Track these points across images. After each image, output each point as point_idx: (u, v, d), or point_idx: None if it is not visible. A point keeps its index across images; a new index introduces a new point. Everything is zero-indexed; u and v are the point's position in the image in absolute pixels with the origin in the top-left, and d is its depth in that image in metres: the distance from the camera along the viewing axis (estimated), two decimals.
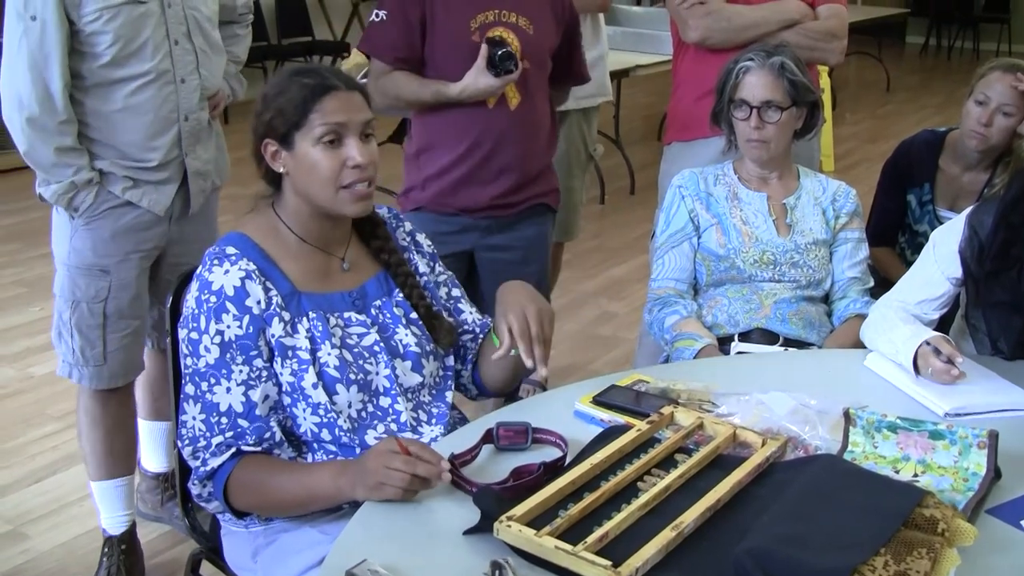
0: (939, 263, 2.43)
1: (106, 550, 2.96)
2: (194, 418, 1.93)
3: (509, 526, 1.59)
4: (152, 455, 3.21)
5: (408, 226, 2.23)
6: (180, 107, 2.70)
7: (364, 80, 3.10)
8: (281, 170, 1.99)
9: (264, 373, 1.94)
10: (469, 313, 2.26)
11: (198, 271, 1.98)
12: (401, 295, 2.12)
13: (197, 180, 2.80)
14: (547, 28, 2.97)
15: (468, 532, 1.64)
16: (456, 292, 2.27)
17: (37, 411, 3.94)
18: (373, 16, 2.94)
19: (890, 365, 2.27)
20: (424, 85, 2.89)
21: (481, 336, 2.24)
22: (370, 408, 2.02)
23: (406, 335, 2.08)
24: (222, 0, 2.88)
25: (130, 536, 2.98)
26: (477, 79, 2.82)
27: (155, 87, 2.64)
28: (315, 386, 1.95)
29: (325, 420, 1.97)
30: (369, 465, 1.75)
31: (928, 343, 2.20)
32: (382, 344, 2.05)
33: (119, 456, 2.90)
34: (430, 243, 2.26)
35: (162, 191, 2.73)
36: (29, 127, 2.53)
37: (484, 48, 2.81)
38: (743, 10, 3.21)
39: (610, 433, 1.93)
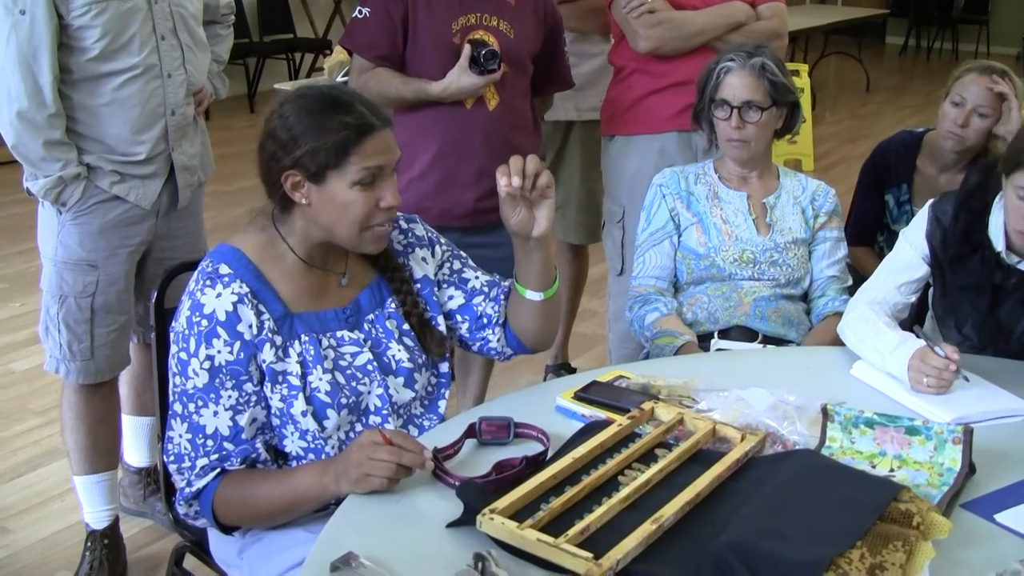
0: (914, 247, 2.50)
1: (89, 544, 2.97)
2: (180, 436, 1.92)
3: (492, 519, 1.61)
4: (135, 450, 3.22)
5: (403, 223, 2.20)
6: (167, 101, 2.71)
7: (345, 79, 3.12)
8: (302, 202, 1.93)
9: (253, 398, 1.92)
10: (476, 279, 2.23)
11: (190, 288, 1.93)
12: (393, 305, 2.10)
13: (184, 174, 2.81)
14: (528, 33, 3.00)
15: (451, 525, 1.66)
16: (458, 264, 2.23)
17: (19, 406, 3.94)
18: (356, 13, 2.95)
19: (880, 375, 2.27)
20: (406, 83, 2.91)
21: (500, 295, 2.21)
22: (358, 428, 2.01)
23: (399, 350, 2.07)
24: (205, 0, 2.90)
25: (113, 530, 2.99)
26: (460, 77, 2.84)
27: (142, 81, 2.65)
28: (304, 414, 1.93)
29: (312, 446, 1.96)
30: (353, 458, 1.76)
31: (925, 344, 2.20)
32: (375, 363, 2.03)
33: (102, 451, 2.90)
34: (426, 228, 2.23)
35: (149, 185, 2.74)
36: (18, 121, 2.53)
37: (467, 48, 2.83)
38: (691, 17, 3.22)
39: (591, 428, 1.95)
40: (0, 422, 3.83)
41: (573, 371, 4.19)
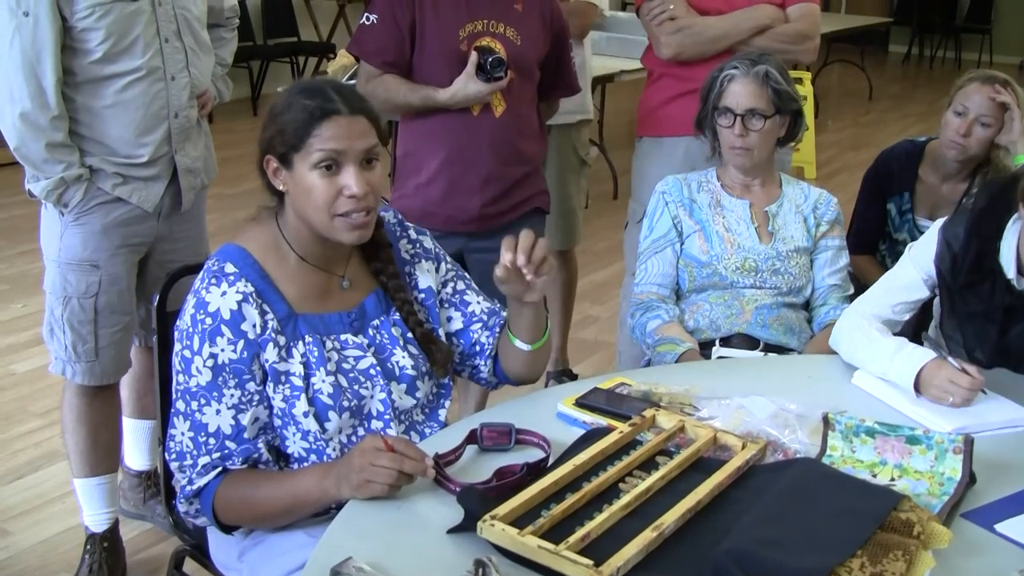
0: (918, 268, 2.46)
1: (88, 547, 2.97)
2: (183, 434, 1.93)
3: (492, 525, 1.61)
4: (135, 453, 3.22)
5: (412, 233, 2.20)
6: (170, 104, 2.72)
7: (351, 82, 3.13)
8: (281, 188, 1.96)
9: (256, 397, 1.93)
10: (477, 303, 2.23)
11: (195, 286, 1.94)
12: (398, 313, 2.10)
13: (187, 177, 2.81)
14: (535, 39, 3.00)
15: (452, 531, 1.66)
16: (461, 285, 2.23)
17: (19, 408, 3.94)
18: (364, 19, 2.97)
19: (881, 384, 2.26)
20: (413, 90, 2.92)
21: (497, 326, 2.21)
22: (360, 432, 2.01)
23: (403, 356, 2.07)
24: (209, 3, 2.90)
25: (112, 533, 2.99)
26: (467, 85, 2.85)
27: (145, 83, 2.66)
28: (306, 415, 1.94)
29: (314, 447, 1.96)
30: (355, 463, 1.76)
31: (939, 357, 2.19)
32: (378, 368, 2.03)
33: (103, 454, 2.90)
34: (435, 244, 2.23)
35: (152, 188, 2.74)
36: (21, 123, 2.54)
37: (474, 55, 2.84)
38: (713, 22, 3.24)
39: (592, 435, 1.95)
40: (1, 424, 3.83)
41: (574, 377, 4.19)
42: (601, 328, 4.94)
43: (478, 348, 2.21)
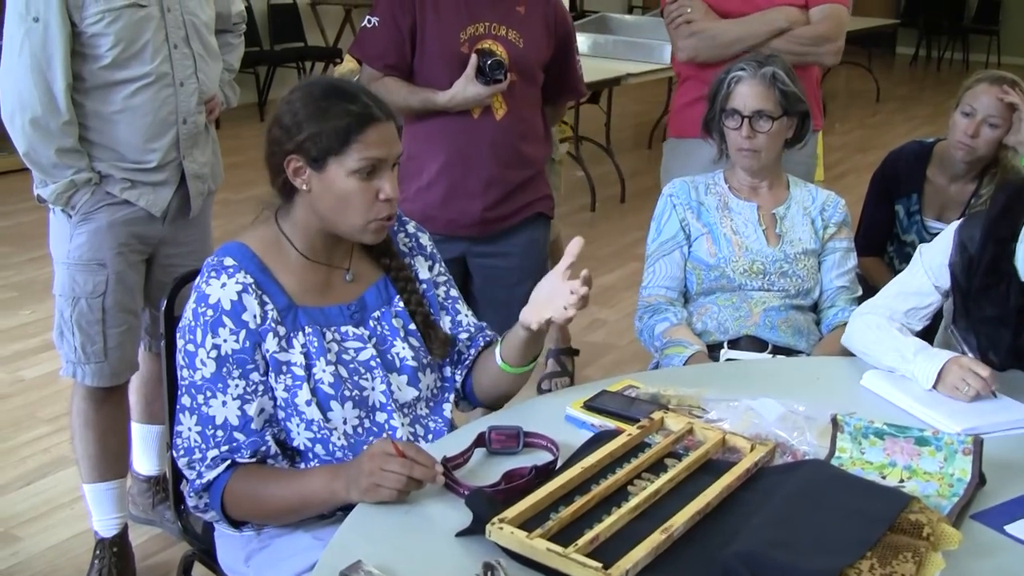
0: (929, 274, 2.45)
1: (98, 552, 2.97)
2: (190, 429, 1.94)
3: (501, 528, 1.61)
4: (144, 458, 3.23)
5: (411, 228, 2.22)
6: (179, 110, 2.72)
7: None
8: (303, 188, 1.95)
9: (260, 387, 1.94)
10: (465, 315, 2.24)
11: (196, 282, 1.96)
12: (400, 303, 2.11)
13: (195, 183, 2.82)
14: (538, 42, 3.00)
15: (461, 534, 1.66)
16: (454, 292, 2.25)
17: (28, 414, 3.94)
18: (365, 22, 2.97)
19: (890, 385, 2.26)
20: (413, 92, 2.92)
21: (481, 341, 2.22)
22: (366, 424, 2.02)
23: (403, 348, 2.08)
24: (217, 9, 2.91)
25: (121, 538, 2.99)
26: (466, 87, 2.85)
27: (154, 89, 2.66)
28: (309, 403, 1.95)
29: (319, 436, 1.97)
30: (364, 467, 1.76)
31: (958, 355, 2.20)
32: (378, 359, 2.04)
33: (112, 459, 2.91)
34: (431, 242, 2.25)
35: (160, 193, 2.74)
36: (31, 128, 2.54)
37: (474, 58, 2.84)
38: (727, 26, 3.23)
39: (601, 437, 1.95)
40: (9, 430, 3.83)
41: (576, 352, 4.23)
42: (610, 331, 4.94)
43: (457, 357, 2.22)
